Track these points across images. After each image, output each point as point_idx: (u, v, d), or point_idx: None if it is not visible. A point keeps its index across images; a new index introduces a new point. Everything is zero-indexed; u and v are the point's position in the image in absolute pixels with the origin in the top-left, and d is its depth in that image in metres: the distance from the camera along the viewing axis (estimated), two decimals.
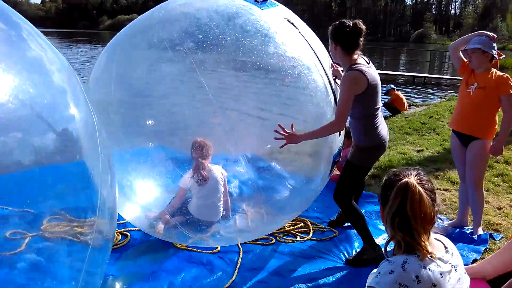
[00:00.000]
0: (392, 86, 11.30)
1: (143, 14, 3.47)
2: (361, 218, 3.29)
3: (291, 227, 3.81)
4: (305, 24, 3.48)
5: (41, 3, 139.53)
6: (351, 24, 3.02)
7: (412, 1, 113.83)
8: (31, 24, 2.19)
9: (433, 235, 1.61)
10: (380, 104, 3.17)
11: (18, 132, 1.94)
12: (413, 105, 11.96)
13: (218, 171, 3.46)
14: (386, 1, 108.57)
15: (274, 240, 3.58)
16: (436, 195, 1.57)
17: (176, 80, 3.42)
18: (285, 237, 3.65)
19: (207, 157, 3.31)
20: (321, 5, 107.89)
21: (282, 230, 3.75)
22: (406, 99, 11.49)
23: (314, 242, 3.60)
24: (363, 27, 3.04)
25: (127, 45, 3.36)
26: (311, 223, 3.87)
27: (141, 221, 3.43)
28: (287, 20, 3.26)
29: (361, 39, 3.04)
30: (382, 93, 3.60)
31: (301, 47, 3.17)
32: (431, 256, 1.47)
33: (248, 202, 3.83)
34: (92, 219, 2.51)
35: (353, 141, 3.29)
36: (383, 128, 3.21)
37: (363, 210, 4.04)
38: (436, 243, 1.57)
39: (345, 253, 3.45)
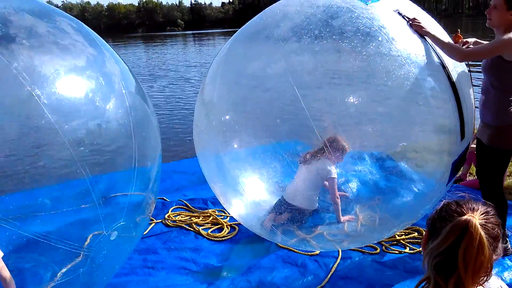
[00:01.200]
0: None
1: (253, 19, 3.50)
2: (505, 211, 3.01)
3: (403, 236, 3.48)
4: (423, 11, 3.09)
5: (221, 5, 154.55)
6: None
7: None
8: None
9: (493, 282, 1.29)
10: None
11: None
12: None
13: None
14: None
15: (379, 250, 3.33)
16: (500, 242, 1.24)
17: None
18: (392, 247, 3.36)
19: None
20: None
21: (392, 238, 3.45)
22: None
23: None
24: None
25: (242, 43, 3.35)
26: None
27: (248, 219, 3.54)
28: (397, 12, 2.95)
29: None
30: None
31: (411, 43, 2.82)
32: None
33: (363, 204, 3.65)
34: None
35: (489, 121, 2.91)
36: None
37: None
38: None
39: None
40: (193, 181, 5.14)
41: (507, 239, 3.10)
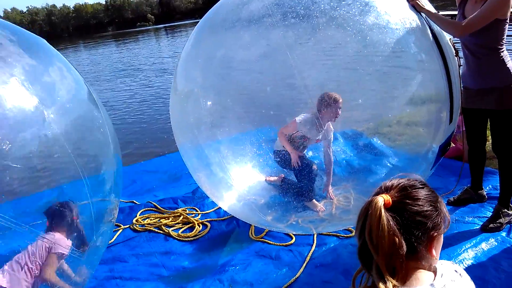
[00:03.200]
0: None
1: None
2: None
3: None
4: None
5: None
6: None
7: None
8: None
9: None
10: None
11: None
12: None
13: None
14: None
15: (354, 232, 3.21)
16: (439, 219, 1.10)
17: (264, 55, 3.22)
18: None
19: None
20: None
21: None
22: None
23: None
24: None
25: (214, 26, 3.14)
26: None
27: (237, 209, 3.40)
28: None
29: None
30: None
31: (408, 17, 2.67)
32: None
33: (338, 186, 3.54)
34: None
35: (489, 84, 2.84)
36: None
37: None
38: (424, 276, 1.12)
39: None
40: (164, 180, 4.97)
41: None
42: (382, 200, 1.06)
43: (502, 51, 2.78)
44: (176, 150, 5.86)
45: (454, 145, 4.21)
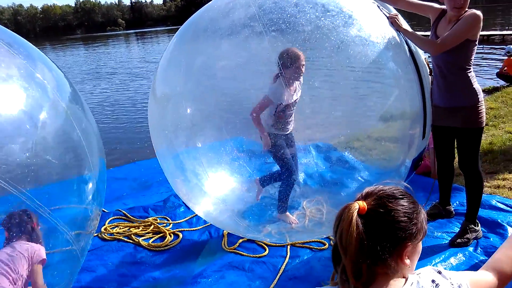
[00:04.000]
0: None
1: None
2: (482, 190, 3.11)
3: None
4: (395, 10, 3.05)
5: (162, 3, 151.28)
6: None
7: None
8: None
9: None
10: None
11: None
12: None
13: None
14: None
15: (327, 245, 3.24)
16: (416, 229, 1.13)
17: (248, 63, 3.20)
18: None
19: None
20: None
21: None
22: None
23: None
24: None
25: (196, 33, 3.11)
26: None
27: (214, 216, 3.35)
28: (376, 5, 2.90)
29: None
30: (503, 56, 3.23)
31: (388, 33, 2.75)
32: None
33: (310, 199, 3.56)
34: None
35: (457, 103, 2.92)
36: None
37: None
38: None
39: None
40: (134, 187, 4.86)
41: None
42: (357, 206, 1.09)
43: (470, 72, 2.90)
44: (147, 158, 5.84)
45: (422, 162, 4.33)
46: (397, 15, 2.86)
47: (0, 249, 2.13)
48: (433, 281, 1.18)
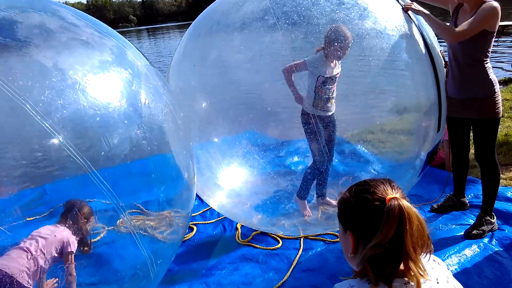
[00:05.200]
0: None
1: None
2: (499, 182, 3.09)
3: None
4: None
5: None
6: None
7: None
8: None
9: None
10: None
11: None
12: None
13: None
14: None
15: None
16: None
17: (262, 57, 3.21)
18: None
19: None
20: None
21: None
22: None
23: None
24: None
25: (209, 26, 3.13)
26: None
27: (228, 209, 3.40)
28: None
29: None
30: None
31: (404, 25, 2.74)
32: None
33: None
34: (165, 212, 2.70)
35: (473, 94, 2.92)
36: None
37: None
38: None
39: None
40: (149, 181, 4.90)
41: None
42: (405, 203, 1.12)
43: (487, 63, 2.87)
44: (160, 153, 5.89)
45: (436, 155, 4.30)
46: (412, 3, 2.84)
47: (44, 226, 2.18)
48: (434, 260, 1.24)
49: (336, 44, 2.71)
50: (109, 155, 2.06)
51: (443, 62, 2.92)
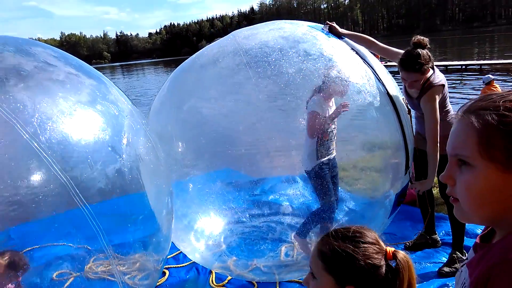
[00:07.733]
0: (491, 77, 9.47)
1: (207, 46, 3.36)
2: None
3: None
4: (371, 54, 3.19)
5: (148, 36, 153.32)
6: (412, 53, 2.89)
7: None
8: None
9: None
10: None
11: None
12: None
13: None
14: None
15: None
16: None
17: (237, 101, 3.27)
18: None
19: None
20: None
21: None
22: None
23: None
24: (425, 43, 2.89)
25: (188, 73, 3.25)
26: None
27: (202, 255, 3.31)
28: (353, 50, 3.02)
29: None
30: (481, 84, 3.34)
31: (367, 75, 2.86)
32: None
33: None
34: (137, 255, 2.59)
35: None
36: None
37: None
38: None
39: None
40: (122, 222, 4.78)
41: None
42: (402, 255, 1.17)
43: (447, 112, 3.02)
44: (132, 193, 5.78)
45: (404, 199, 4.37)
46: (333, 23, 3.08)
47: None
48: None
49: (330, 89, 2.78)
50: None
51: (406, 109, 3.03)
